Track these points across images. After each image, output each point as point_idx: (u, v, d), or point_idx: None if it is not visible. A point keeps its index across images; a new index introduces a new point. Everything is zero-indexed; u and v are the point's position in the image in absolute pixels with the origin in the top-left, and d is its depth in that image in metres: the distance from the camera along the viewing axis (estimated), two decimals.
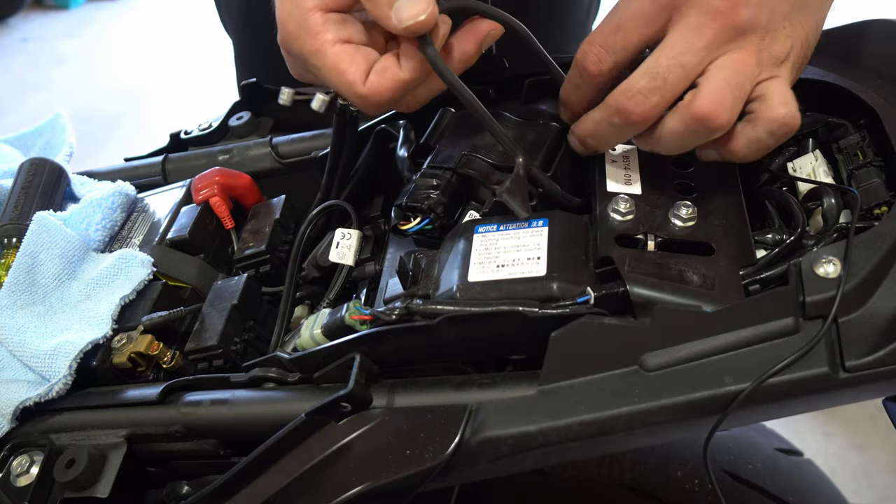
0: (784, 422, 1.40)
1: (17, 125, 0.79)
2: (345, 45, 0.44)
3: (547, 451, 0.40)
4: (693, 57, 0.41)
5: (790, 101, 0.41)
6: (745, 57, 0.41)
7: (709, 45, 0.41)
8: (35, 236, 0.57)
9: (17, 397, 0.50)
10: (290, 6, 0.44)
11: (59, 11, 3.56)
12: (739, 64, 0.41)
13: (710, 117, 0.40)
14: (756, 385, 0.37)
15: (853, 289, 0.37)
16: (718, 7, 0.40)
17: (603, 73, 0.44)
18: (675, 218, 0.44)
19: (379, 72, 0.44)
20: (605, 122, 0.44)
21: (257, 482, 0.44)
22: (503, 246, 0.45)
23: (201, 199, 0.62)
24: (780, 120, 0.41)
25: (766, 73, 0.41)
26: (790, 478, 0.77)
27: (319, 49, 0.44)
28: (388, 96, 0.45)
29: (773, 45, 0.41)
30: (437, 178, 0.50)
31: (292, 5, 0.44)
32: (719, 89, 0.40)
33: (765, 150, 0.43)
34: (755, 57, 0.41)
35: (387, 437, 0.42)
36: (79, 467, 0.46)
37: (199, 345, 0.52)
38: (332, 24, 0.44)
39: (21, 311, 0.54)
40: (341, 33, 0.44)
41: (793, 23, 0.42)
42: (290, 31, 0.44)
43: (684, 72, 0.41)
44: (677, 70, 0.41)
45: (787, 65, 0.42)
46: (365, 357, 0.43)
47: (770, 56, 0.41)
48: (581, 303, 0.41)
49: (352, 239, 0.56)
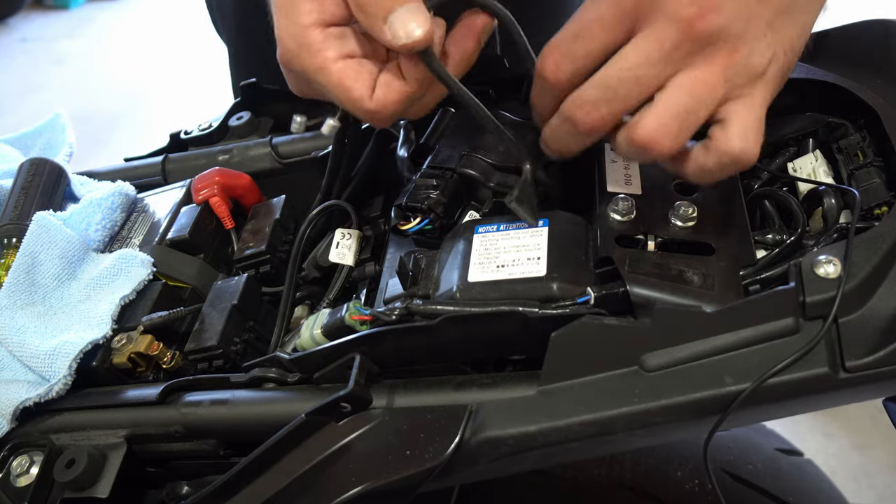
0: (784, 422, 1.40)
1: (17, 125, 0.79)
2: (348, 61, 0.43)
3: (547, 452, 0.40)
4: (649, 69, 0.37)
5: (750, 135, 0.38)
6: (709, 74, 0.37)
7: (668, 57, 0.37)
8: (35, 236, 0.57)
9: (16, 397, 0.50)
10: (288, 24, 0.43)
11: (59, 11, 3.56)
12: (699, 84, 0.37)
13: (651, 146, 0.38)
14: (756, 385, 0.37)
15: (853, 289, 0.37)
16: (684, 15, 0.36)
17: (561, 81, 0.41)
18: (676, 218, 0.44)
19: (384, 86, 0.43)
20: (560, 130, 0.42)
21: (257, 482, 0.44)
22: (503, 246, 0.45)
23: (201, 199, 0.62)
24: (732, 155, 0.38)
25: (736, 90, 0.38)
26: (790, 478, 0.77)
27: (322, 67, 0.43)
28: (396, 109, 0.44)
29: (749, 58, 0.37)
30: (437, 179, 0.50)
31: (290, 23, 0.42)
32: (666, 116, 0.37)
33: (713, 180, 0.41)
34: (723, 73, 0.37)
35: (387, 437, 0.42)
36: (79, 467, 0.46)
37: (199, 345, 0.52)
38: (333, 39, 0.43)
39: (21, 312, 0.54)
40: (343, 49, 0.43)
41: (776, 29, 0.37)
42: (290, 50, 0.43)
43: (638, 85, 0.38)
44: (630, 83, 0.38)
45: (766, 79, 0.38)
46: (365, 357, 0.43)
47: (744, 70, 0.37)
48: (581, 303, 0.41)
49: (352, 239, 0.56)
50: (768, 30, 0.37)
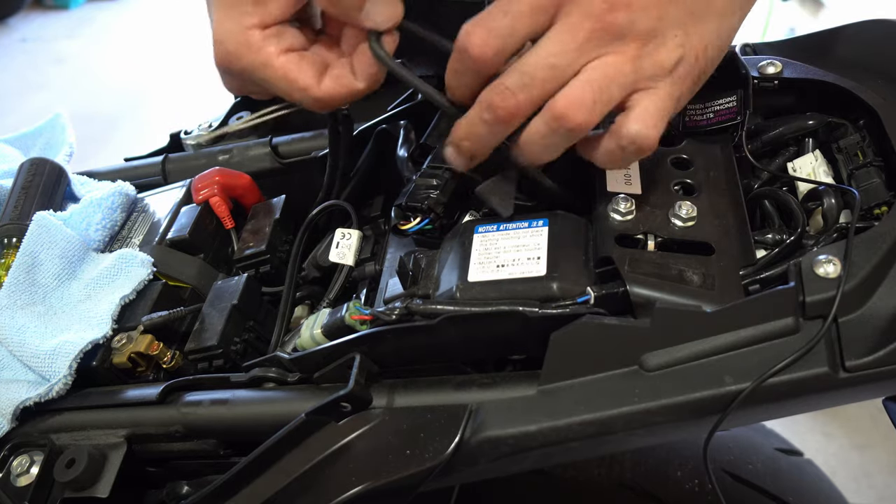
0: (784, 422, 1.40)
1: (17, 125, 0.79)
2: (290, 55, 0.45)
3: (547, 451, 0.40)
4: (564, 58, 0.39)
5: (649, 121, 0.40)
6: (618, 61, 0.39)
7: (582, 47, 0.39)
8: (35, 236, 0.57)
9: (17, 397, 0.50)
10: (231, 25, 0.45)
11: (59, 11, 3.56)
12: (610, 67, 0.39)
13: (567, 115, 0.39)
14: (756, 385, 0.37)
15: (853, 289, 0.37)
16: (596, 9, 0.38)
17: (486, 57, 0.41)
18: (675, 218, 0.44)
19: (334, 78, 0.46)
20: (477, 119, 0.42)
21: (257, 482, 0.44)
22: (503, 246, 0.45)
23: (201, 199, 0.62)
24: (630, 137, 0.40)
25: (643, 82, 0.40)
26: (790, 478, 0.77)
27: (265, 62, 0.45)
28: (343, 100, 0.47)
29: (656, 53, 0.39)
30: (437, 178, 0.50)
31: (232, 24, 0.45)
32: (580, 89, 0.39)
33: (620, 165, 0.43)
34: (631, 63, 0.39)
35: (387, 437, 0.42)
36: (79, 467, 0.46)
37: (199, 345, 0.52)
38: (272, 37, 0.45)
39: (21, 311, 0.54)
40: (282, 44, 0.45)
41: (687, 31, 0.40)
42: (230, 51, 0.45)
43: (554, 72, 0.39)
44: (546, 70, 0.39)
45: (674, 77, 0.40)
46: (365, 357, 0.43)
47: (651, 64, 0.39)
48: (581, 303, 0.41)
49: (352, 239, 0.56)
50: (679, 30, 0.39)
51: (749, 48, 0.57)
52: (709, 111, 0.52)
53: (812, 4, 2.33)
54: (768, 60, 0.51)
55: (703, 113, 0.52)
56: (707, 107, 0.53)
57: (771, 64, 0.51)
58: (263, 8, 0.44)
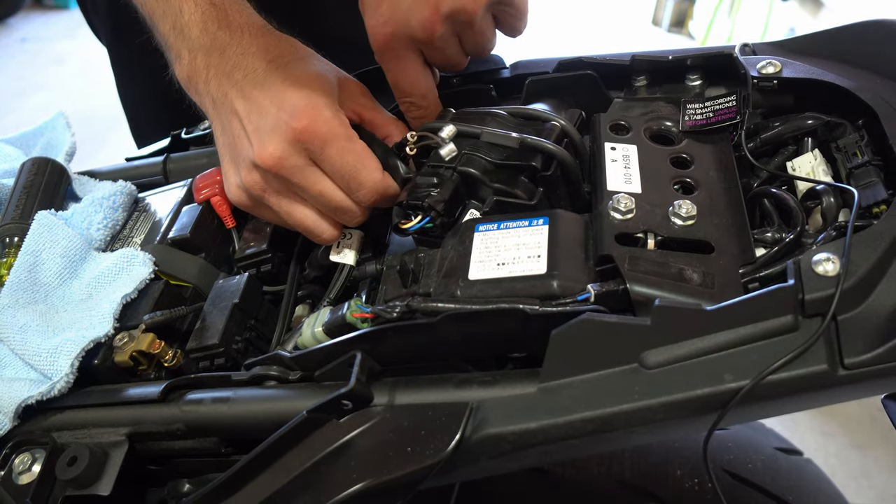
0: (784, 421, 1.41)
1: (17, 125, 0.80)
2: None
3: (547, 449, 0.40)
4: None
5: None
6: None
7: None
8: (37, 235, 0.58)
9: (19, 395, 0.50)
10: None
11: (59, 11, 3.56)
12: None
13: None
14: (755, 382, 0.37)
15: (852, 287, 0.37)
16: None
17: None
18: (675, 216, 0.44)
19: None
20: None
21: (258, 480, 0.44)
22: (504, 244, 0.45)
23: (202, 198, 0.62)
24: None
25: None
26: (790, 477, 0.77)
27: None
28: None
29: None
30: (437, 177, 0.50)
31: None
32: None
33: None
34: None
35: (388, 434, 0.42)
36: (80, 465, 0.46)
37: (200, 343, 0.52)
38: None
39: (23, 310, 0.54)
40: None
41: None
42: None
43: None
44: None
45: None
46: (366, 355, 0.44)
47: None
48: (581, 300, 0.41)
49: (352, 238, 0.56)
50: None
51: (749, 48, 0.57)
52: (708, 111, 0.53)
53: (812, 4, 2.33)
54: (768, 60, 0.51)
55: (702, 112, 0.53)
56: (707, 106, 0.53)
57: (770, 64, 0.51)
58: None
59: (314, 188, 0.50)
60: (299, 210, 0.52)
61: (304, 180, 0.50)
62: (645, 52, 0.57)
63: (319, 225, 0.53)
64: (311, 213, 0.52)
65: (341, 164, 0.49)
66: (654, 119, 0.53)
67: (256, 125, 0.49)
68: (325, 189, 0.50)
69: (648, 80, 0.58)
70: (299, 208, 0.52)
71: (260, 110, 0.49)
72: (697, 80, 0.57)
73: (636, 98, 0.58)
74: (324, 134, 0.48)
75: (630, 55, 0.57)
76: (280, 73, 0.49)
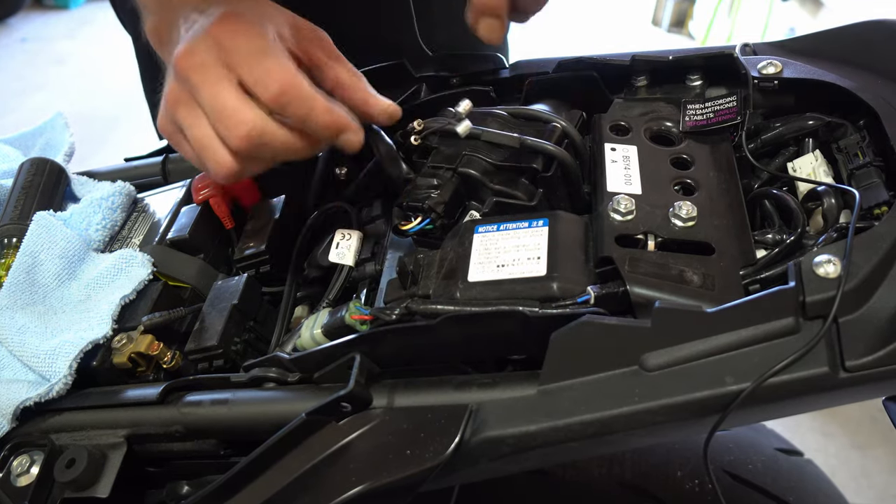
0: (784, 422, 1.40)
1: (17, 125, 0.79)
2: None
3: (547, 451, 0.40)
4: None
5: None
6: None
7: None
8: (35, 236, 0.57)
9: (17, 397, 0.50)
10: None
11: (59, 11, 3.56)
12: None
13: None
14: (756, 385, 0.37)
15: (853, 289, 0.37)
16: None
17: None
18: (676, 218, 0.44)
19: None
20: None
21: (257, 482, 0.44)
22: (503, 246, 0.45)
23: (201, 199, 0.62)
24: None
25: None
26: (790, 478, 0.77)
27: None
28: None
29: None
30: (437, 178, 0.50)
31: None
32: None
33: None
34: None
35: (387, 436, 0.42)
36: (79, 467, 0.46)
37: (199, 345, 0.52)
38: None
39: (21, 311, 0.54)
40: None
41: None
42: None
43: None
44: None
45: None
46: (365, 357, 0.43)
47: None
48: (581, 302, 0.41)
49: (352, 239, 0.56)
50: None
51: (749, 48, 0.57)
52: (709, 111, 0.52)
53: (812, 4, 2.33)
54: (768, 60, 0.51)
55: (703, 113, 0.53)
56: (707, 107, 0.53)
57: (771, 64, 0.51)
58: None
59: (210, 88, 0.48)
60: (200, 125, 0.50)
61: (202, 80, 0.48)
62: (645, 53, 0.57)
63: (213, 143, 0.50)
64: (210, 131, 0.50)
65: (248, 64, 0.47)
66: (654, 119, 0.53)
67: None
68: (219, 91, 0.48)
69: (649, 81, 0.58)
70: (200, 123, 0.50)
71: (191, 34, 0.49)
72: (698, 81, 0.57)
73: (636, 98, 0.58)
74: (239, 33, 0.47)
75: (630, 55, 0.57)
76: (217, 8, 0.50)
